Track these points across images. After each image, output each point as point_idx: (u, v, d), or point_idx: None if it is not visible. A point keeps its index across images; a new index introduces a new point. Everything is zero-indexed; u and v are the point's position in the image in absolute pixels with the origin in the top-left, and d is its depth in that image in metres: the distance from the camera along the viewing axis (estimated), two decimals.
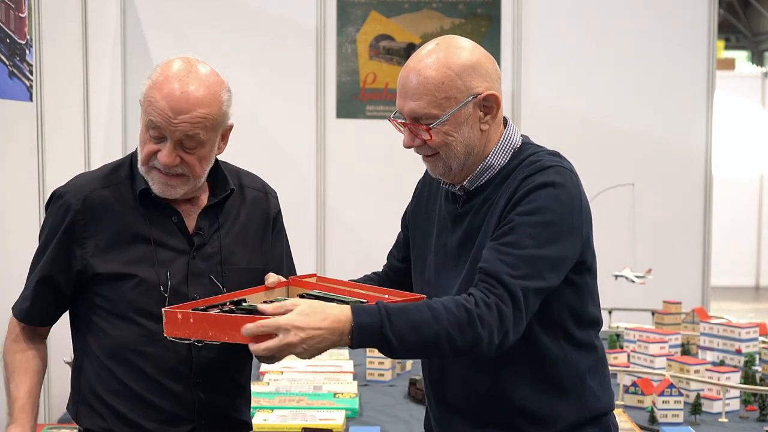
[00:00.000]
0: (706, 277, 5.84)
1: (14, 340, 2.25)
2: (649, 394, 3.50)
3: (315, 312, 1.79)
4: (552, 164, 1.96)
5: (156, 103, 2.06)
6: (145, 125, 2.10)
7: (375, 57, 5.80)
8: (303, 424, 3.18)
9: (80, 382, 2.21)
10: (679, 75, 5.76)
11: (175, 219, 2.17)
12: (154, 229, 2.14)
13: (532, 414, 2.00)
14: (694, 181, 5.82)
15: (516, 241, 1.89)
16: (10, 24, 3.64)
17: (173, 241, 2.16)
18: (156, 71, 2.11)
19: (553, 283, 1.92)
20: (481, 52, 2.01)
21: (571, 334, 2.00)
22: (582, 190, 1.99)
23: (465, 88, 1.96)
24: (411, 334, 1.81)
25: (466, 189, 2.04)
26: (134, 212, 2.15)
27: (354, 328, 1.79)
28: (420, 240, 2.17)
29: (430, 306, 1.84)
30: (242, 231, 2.26)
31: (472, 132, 1.99)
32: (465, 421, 2.06)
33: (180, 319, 1.88)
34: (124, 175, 2.19)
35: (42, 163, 4.05)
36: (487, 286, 1.87)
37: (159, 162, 2.09)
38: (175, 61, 2.13)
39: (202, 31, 5.72)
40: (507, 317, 1.85)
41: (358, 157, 5.77)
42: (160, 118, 2.06)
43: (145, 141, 2.10)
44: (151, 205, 2.16)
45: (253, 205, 2.30)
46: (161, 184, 2.12)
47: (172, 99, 2.05)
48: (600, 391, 2.06)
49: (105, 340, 2.15)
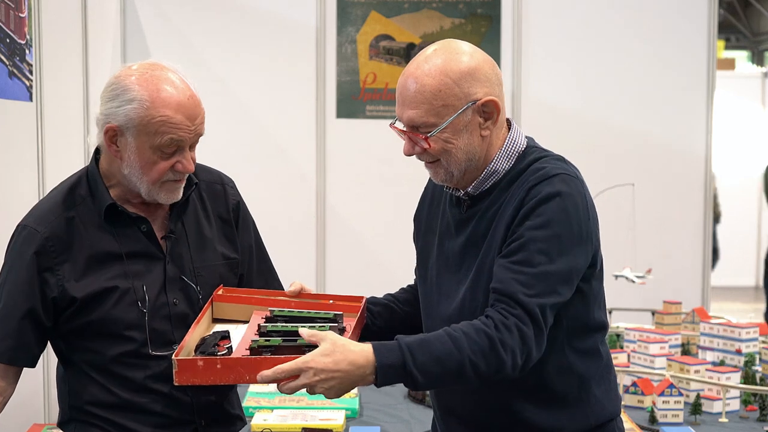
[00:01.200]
0: (706, 277, 5.84)
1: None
2: (649, 394, 3.50)
3: (336, 352, 1.79)
4: (557, 172, 1.94)
5: (171, 120, 2.00)
6: (155, 146, 2.02)
7: (375, 57, 5.80)
8: (303, 424, 3.17)
9: (69, 401, 2.17)
10: (679, 75, 5.76)
11: (144, 228, 2.13)
12: (124, 244, 2.10)
13: (535, 425, 1.99)
14: (694, 181, 5.82)
15: (528, 259, 1.88)
16: (9, 24, 3.64)
17: (145, 251, 2.13)
18: (135, 91, 2.00)
19: (567, 296, 1.92)
20: (480, 56, 1.99)
21: (575, 343, 1.98)
22: (588, 195, 1.97)
23: (463, 95, 1.94)
24: (435, 366, 1.81)
25: (470, 194, 2.03)
26: (101, 230, 2.10)
27: (377, 368, 1.79)
28: (424, 244, 2.16)
29: (450, 335, 1.83)
30: (206, 226, 2.23)
31: (473, 138, 1.97)
32: (468, 431, 2.06)
33: (201, 366, 1.84)
34: (84, 193, 2.12)
35: (42, 163, 4.04)
36: (505, 307, 1.86)
37: (179, 172, 2.06)
38: (151, 71, 2.04)
39: (202, 31, 5.72)
40: (528, 337, 1.85)
41: (358, 157, 5.76)
42: (182, 132, 2.01)
43: (154, 161, 2.03)
44: (117, 218, 2.11)
45: (212, 199, 2.26)
46: (172, 192, 2.09)
47: (184, 108, 2.01)
48: (605, 398, 2.04)
49: (93, 358, 2.12)
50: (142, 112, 2.00)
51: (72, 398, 2.17)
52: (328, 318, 2.03)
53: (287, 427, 3.20)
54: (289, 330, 1.93)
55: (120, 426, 2.11)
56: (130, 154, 2.05)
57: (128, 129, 2.02)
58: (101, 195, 2.10)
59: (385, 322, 2.19)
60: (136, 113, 2.00)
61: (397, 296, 2.29)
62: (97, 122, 2.09)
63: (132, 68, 2.07)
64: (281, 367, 1.78)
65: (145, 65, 2.08)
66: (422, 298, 2.15)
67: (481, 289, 1.96)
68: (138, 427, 2.11)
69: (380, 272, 5.36)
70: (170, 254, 2.14)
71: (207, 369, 1.83)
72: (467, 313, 1.97)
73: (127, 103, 2.01)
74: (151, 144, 2.02)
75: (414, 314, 2.24)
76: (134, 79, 2.03)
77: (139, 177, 2.07)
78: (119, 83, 2.04)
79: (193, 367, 1.84)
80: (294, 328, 1.92)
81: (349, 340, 1.84)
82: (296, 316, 2.03)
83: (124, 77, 2.04)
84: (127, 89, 2.02)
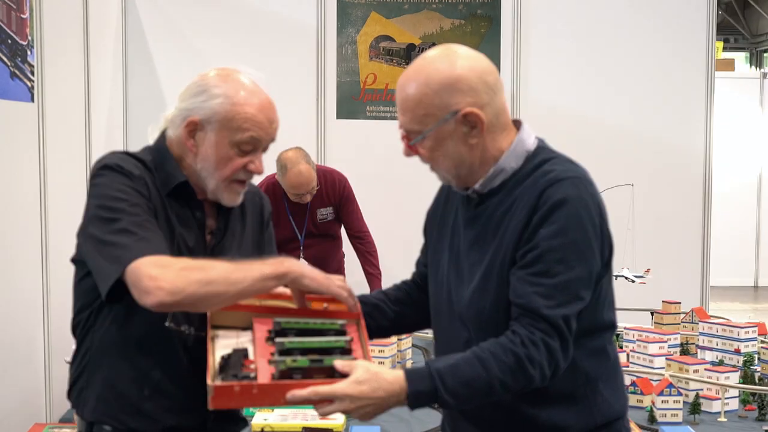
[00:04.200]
0: (705, 276, 5.85)
1: (163, 266, 1.88)
2: (649, 393, 3.51)
3: (369, 380, 1.83)
4: (566, 175, 1.94)
5: (254, 118, 2.05)
6: (234, 142, 2.06)
7: (375, 58, 5.81)
8: (303, 424, 3.18)
9: (87, 373, 2.14)
10: (678, 76, 5.78)
11: (198, 215, 2.15)
12: (178, 226, 2.11)
13: (541, 422, 2.00)
14: (693, 181, 5.83)
15: (547, 270, 1.88)
16: (11, 25, 3.65)
17: (193, 239, 2.14)
18: (222, 87, 2.06)
19: (589, 298, 1.93)
20: (470, 64, 1.96)
21: (583, 342, 1.99)
22: (598, 195, 1.97)
23: (443, 105, 1.93)
24: (465, 389, 1.85)
25: (478, 192, 2.04)
26: (164, 205, 2.10)
27: (409, 395, 1.84)
28: (435, 241, 2.17)
29: (479, 357, 1.87)
30: (243, 232, 2.27)
31: (459, 147, 1.97)
32: (476, 429, 2.07)
33: (237, 392, 1.84)
34: (152, 166, 2.12)
35: (43, 163, 4.06)
36: (530, 321, 1.88)
37: (251, 173, 2.10)
38: (234, 74, 2.11)
39: (203, 32, 5.74)
40: (555, 350, 1.88)
41: (358, 157, 5.78)
42: (262, 131, 2.07)
43: (231, 157, 2.07)
44: (180, 197, 2.13)
45: (251, 209, 2.30)
46: (236, 194, 2.13)
47: (266, 110, 2.08)
48: (612, 397, 2.05)
49: (126, 330, 2.09)
50: (229, 107, 2.05)
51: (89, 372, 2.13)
52: (335, 328, 2.05)
53: (288, 426, 3.21)
54: (308, 347, 1.95)
55: (133, 403, 2.10)
56: (207, 148, 2.08)
57: (210, 123, 2.07)
58: (173, 170, 2.12)
59: (374, 322, 2.21)
60: (222, 107, 2.06)
61: (389, 294, 2.30)
62: (175, 117, 2.12)
63: (211, 73, 2.13)
64: (316, 389, 1.83)
65: (227, 69, 2.14)
66: (432, 294, 2.16)
67: (489, 289, 1.97)
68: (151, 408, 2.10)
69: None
70: (212, 249, 2.16)
71: (243, 394, 1.84)
72: (474, 312, 1.99)
73: (214, 98, 2.06)
74: (231, 139, 2.07)
75: (404, 313, 2.26)
76: (219, 78, 2.10)
77: (211, 172, 2.10)
78: (203, 82, 2.10)
79: (230, 392, 1.84)
80: (312, 345, 1.95)
81: (381, 367, 1.89)
82: (306, 329, 2.04)
83: (206, 78, 2.11)
84: (214, 86, 2.08)
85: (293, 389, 1.83)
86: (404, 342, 4.12)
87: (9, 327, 3.80)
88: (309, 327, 2.04)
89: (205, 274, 1.90)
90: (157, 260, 1.90)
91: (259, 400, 1.86)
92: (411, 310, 2.27)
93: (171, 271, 1.88)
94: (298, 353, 1.93)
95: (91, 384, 2.15)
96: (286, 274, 1.97)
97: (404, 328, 2.37)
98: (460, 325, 2.04)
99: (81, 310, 2.15)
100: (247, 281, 1.93)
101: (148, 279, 1.87)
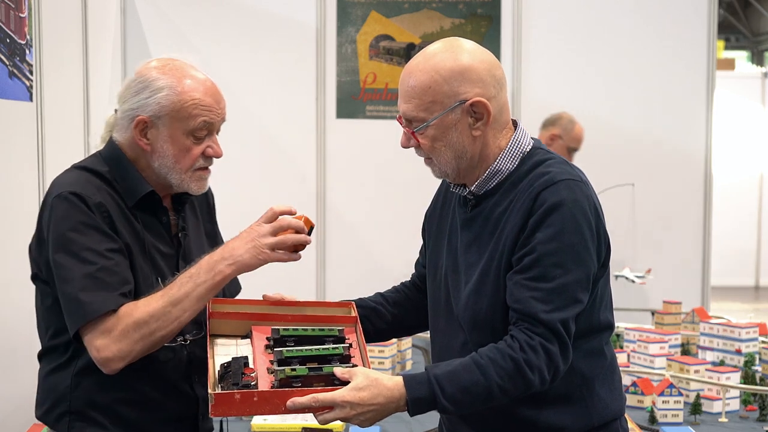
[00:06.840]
0: (705, 277, 5.84)
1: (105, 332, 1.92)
2: (649, 394, 3.50)
3: (369, 387, 1.85)
4: (562, 178, 1.93)
5: (203, 102, 2.05)
6: (188, 131, 2.04)
7: (375, 57, 5.80)
8: (303, 424, 3.17)
9: (72, 396, 2.08)
10: (679, 75, 5.77)
11: (164, 219, 2.13)
12: (148, 235, 2.08)
13: (538, 423, 1.99)
14: (694, 180, 5.82)
15: (543, 274, 1.88)
16: (10, 24, 3.64)
17: (165, 244, 2.12)
18: (163, 79, 2.04)
19: (586, 300, 1.93)
20: (479, 56, 1.98)
21: (580, 343, 1.98)
22: (594, 197, 1.97)
23: (452, 93, 1.94)
24: (464, 396, 1.86)
25: (474, 193, 2.03)
26: (129, 218, 2.06)
27: (409, 401, 1.86)
28: (434, 243, 2.17)
29: (477, 363, 1.87)
30: (199, 225, 2.24)
31: (462, 137, 1.97)
32: (471, 430, 2.06)
33: (238, 399, 1.85)
34: (110, 178, 2.08)
35: (42, 163, 4.05)
36: (528, 326, 1.88)
37: (209, 158, 2.09)
38: (172, 63, 2.10)
39: (202, 31, 5.73)
40: (554, 354, 1.88)
41: (358, 157, 5.77)
42: (213, 114, 2.06)
43: (188, 147, 2.06)
44: (146, 207, 2.09)
45: (198, 197, 2.24)
46: (202, 181, 2.12)
47: (211, 92, 2.07)
48: (609, 398, 2.05)
49: None
50: (174, 97, 2.04)
51: (75, 395, 2.11)
52: (334, 334, 2.04)
53: (287, 426, 3.20)
54: (306, 355, 1.96)
55: (125, 419, 2.09)
56: (162, 144, 2.06)
57: (160, 118, 2.05)
58: (136, 181, 2.08)
59: (371, 325, 2.21)
60: (167, 99, 2.04)
61: (387, 297, 2.30)
62: (121, 120, 2.09)
63: (150, 64, 2.11)
64: (316, 396, 1.84)
65: (163, 59, 2.13)
66: (430, 296, 2.16)
67: (485, 291, 1.96)
68: (144, 421, 2.09)
69: (379, 271, 5.37)
70: (183, 249, 2.15)
71: (244, 402, 1.85)
72: (470, 314, 1.98)
73: (158, 91, 2.04)
74: (184, 129, 2.05)
75: (402, 316, 2.26)
76: (157, 71, 2.08)
77: (171, 167, 2.08)
78: (143, 77, 2.08)
79: (230, 400, 1.85)
80: (311, 353, 1.96)
81: (381, 373, 1.90)
82: (304, 336, 2.03)
83: (145, 72, 2.08)
84: (155, 79, 2.06)
85: (294, 397, 1.85)
86: (404, 342, 4.12)
87: (9, 327, 3.79)
88: (307, 334, 2.04)
89: (146, 329, 1.93)
90: (102, 326, 1.92)
91: (260, 408, 1.86)
92: (409, 312, 2.26)
93: (113, 338, 1.92)
94: (296, 362, 1.93)
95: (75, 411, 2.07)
96: (225, 276, 1.98)
97: (403, 330, 2.36)
98: (457, 326, 2.03)
99: (58, 333, 2.07)
100: (190, 308, 1.96)
101: (96, 351, 1.93)
